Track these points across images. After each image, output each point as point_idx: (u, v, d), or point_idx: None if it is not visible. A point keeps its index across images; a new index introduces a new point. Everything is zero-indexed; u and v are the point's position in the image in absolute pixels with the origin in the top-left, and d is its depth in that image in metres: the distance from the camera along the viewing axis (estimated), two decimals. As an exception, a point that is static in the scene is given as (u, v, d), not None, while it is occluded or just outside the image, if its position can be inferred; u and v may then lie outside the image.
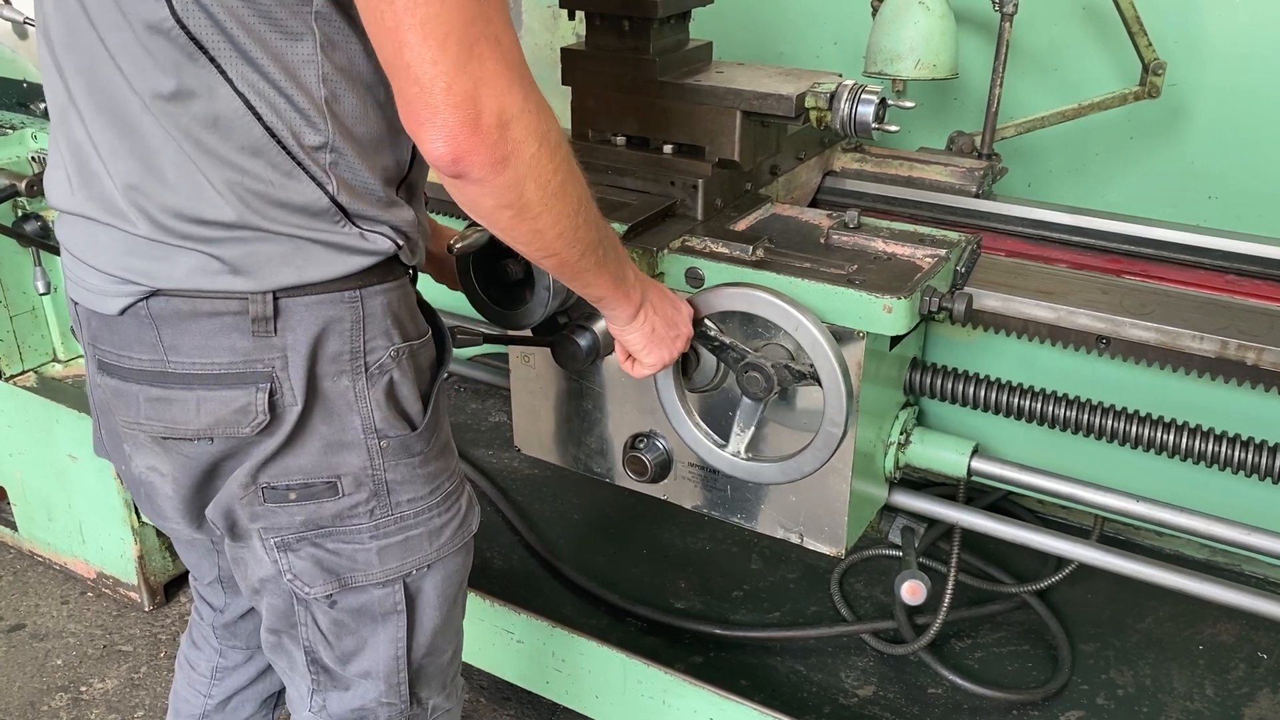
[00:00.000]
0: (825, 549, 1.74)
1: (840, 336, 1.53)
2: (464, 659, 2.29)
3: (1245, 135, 2.29)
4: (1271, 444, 1.61)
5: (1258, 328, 1.57)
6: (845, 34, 2.59)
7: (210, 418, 1.20)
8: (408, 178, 1.26)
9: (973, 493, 2.28)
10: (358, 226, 1.19)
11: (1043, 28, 2.39)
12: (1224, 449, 1.64)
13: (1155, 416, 1.68)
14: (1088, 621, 2.24)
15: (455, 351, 1.46)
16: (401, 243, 1.24)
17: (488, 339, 1.67)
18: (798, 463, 1.59)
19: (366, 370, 1.23)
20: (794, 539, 1.75)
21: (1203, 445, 1.65)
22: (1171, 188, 2.40)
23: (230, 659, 1.72)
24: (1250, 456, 1.62)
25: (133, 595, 2.80)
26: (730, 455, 1.64)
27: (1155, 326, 1.59)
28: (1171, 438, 1.66)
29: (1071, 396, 1.72)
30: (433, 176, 1.18)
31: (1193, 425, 1.66)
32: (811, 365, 1.52)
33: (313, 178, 1.15)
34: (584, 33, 1.83)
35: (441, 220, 1.71)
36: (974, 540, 2.05)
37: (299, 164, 1.14)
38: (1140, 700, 2.05)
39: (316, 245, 1.17)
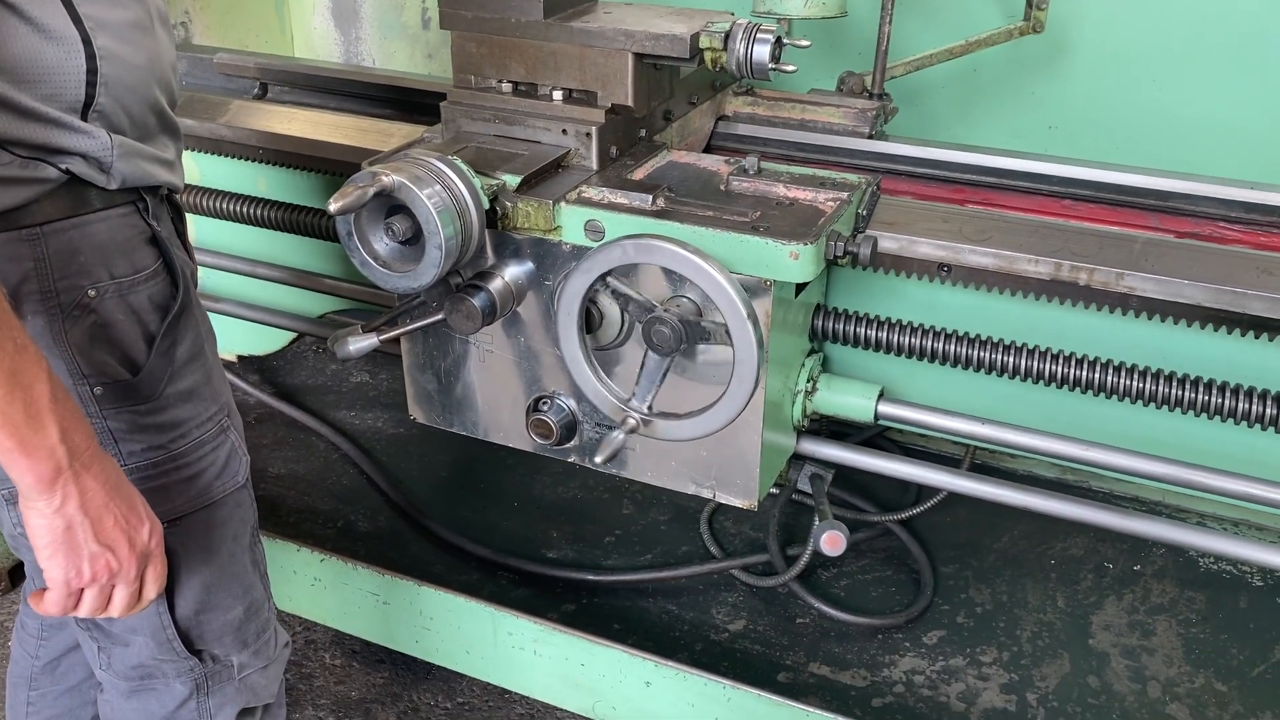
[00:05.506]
0: (738, 502, 1.71)
1: (747, 286, 1.48)
2: (334, 625, 2.26)
3: (1131, 67, 2.32)
4: (1105, 361, 1.67)
5: (1088, 249, 1.61)
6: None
7: None
8: (94, 104, 1.18)
9: (845, 428, 2.30)
10: (12, 154, 1.11)
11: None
12: (1068, 369, 1.68)
13: (997, 340, 1.71)
14: (948, 545, 2.31)
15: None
16: (83, 171, 1.15)
17: (384, 338, 1.61)
18: (708, 418, 1.54)
19: (63, 311, 1.16)
20: (706, 494, 1.72)
21: (1048, 367, 1.69)
22: (1064, 121, 2.42)
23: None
24: (1089, 374, 1.67)
25: (-24, 583, 2.65)
26: (637, 411, 1.57)
27: (993, 252, 1.62)
28: (1017, 360, 1.70)
29: (918, 325, 1.74)
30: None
31: (1032, 347, 1.70)
32: (721, 319, 1.46)
33: None
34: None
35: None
36: (839, 471, 2.07)
37: None
38: (997, 616, 2.13)
39: None
